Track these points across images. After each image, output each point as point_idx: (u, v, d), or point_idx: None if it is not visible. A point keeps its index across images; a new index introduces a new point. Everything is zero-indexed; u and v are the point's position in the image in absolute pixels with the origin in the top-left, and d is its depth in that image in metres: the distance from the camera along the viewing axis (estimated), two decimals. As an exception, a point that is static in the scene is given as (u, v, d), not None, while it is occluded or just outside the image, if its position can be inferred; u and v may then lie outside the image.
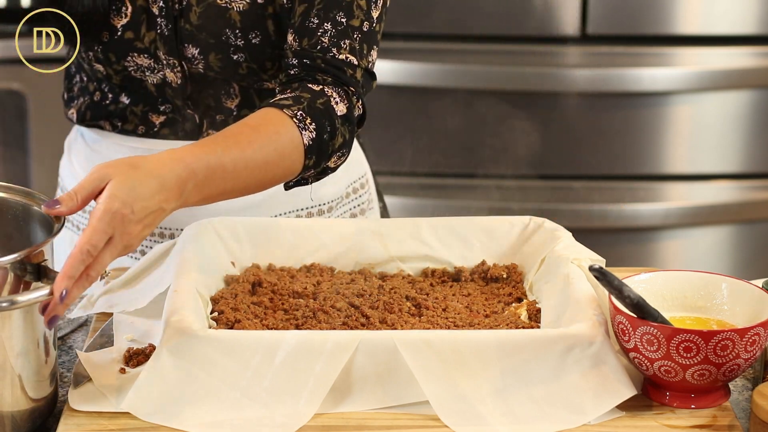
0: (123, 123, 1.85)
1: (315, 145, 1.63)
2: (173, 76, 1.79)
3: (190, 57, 1.77)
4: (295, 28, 1.70)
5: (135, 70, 1.79)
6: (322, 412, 1.43)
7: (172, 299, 1.50)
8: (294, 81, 1.69)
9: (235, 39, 1.74)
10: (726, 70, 3.10)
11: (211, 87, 1.80)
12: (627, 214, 3.18)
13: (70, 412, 1.42)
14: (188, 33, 1.75)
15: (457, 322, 1.56)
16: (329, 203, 1.92)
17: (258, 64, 1.76)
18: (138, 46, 1.77)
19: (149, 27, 1.76)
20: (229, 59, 1.75)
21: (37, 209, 1.49)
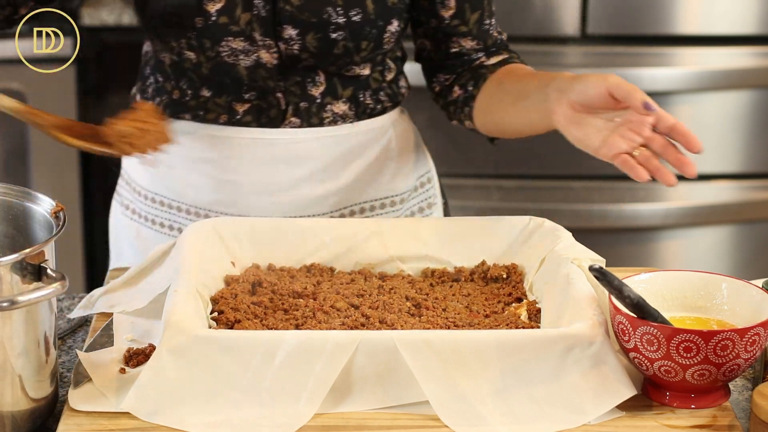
0: (205, 113, 1.87)
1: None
2: (269, 57, 1.80)
3: (287, 38, 1.79)
4: (474, 34, 1.88)
5: (228, 55, 1.81)
6: (322, 412, 1.43)
7: (172, 299, 1.50)
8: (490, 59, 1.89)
9: (337, 16, 1.78)
10: (726, 70, 3.10)
11: (298, 74, 1.83)
12: (627, 214, 3.18)
13: (70, 412, 1.42)
14: (288, 13, 1.78)
15: (457, 322, 1.56)
16: (401, 194, 1.95)
17: (355, 42, 1.80)
18: (233, 29, 1.79)
19: (245, 9, 1.78)
20: (327, 38, 1.79)
21: (38, 209, 1.49)
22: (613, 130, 1.58)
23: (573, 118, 1.61)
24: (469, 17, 1.87)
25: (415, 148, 1.99)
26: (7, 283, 1.36)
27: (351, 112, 1.87)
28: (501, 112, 1.82)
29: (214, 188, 1.89)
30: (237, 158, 1.87)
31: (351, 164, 1.89)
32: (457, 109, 1.91)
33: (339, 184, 1.88)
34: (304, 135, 1.86)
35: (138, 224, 1.97)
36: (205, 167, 1.89)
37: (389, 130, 1.92)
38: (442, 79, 1.93)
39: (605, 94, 1.57)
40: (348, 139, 1.88)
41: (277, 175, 1.87)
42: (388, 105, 1.92)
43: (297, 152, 1.86)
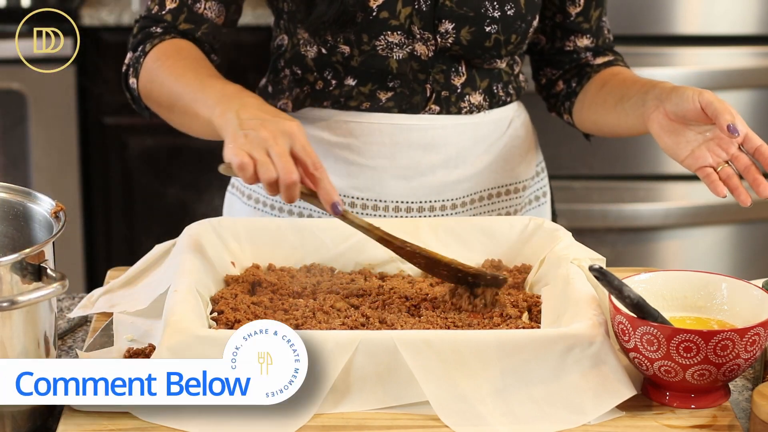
0: (347, 100, 1.90)
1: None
2: (424, 50, 1.86)
3: (443, 32, 1.85)
4: (593, 31, 1.97)
5: (383, 48, 1.85)
6: (322, 412, 1.43)
7: (172, 299, 1.50)
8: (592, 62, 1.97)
9: (493, 11, 1.84)
10: (726, 70, 3.10)
11: (444, 63, 1.88)
12: (627, 214, 3.18)
13: (70, 412, 1.42)
14: (448, 9, 1.84)
15: (456, 323, 1.56)
16: (524, 181, 2.00)
17: (506, 35, 1.86)
18: (392, 23, 1.84)
19: (405, 3, 1.83)
20: (481, 31, 1.85)
21: (38, 209, 1.49)
22: (702, 143, 1.68)
23: (667, 126, 1.71)
24: (592, 14, 1.96)
25: (534, 137, 2.05)
26: (7, 283, 1.36)
27: (485, 103, 1.93)
28: (601, 111, 1.90)
29: (351, 173, 1.91)
30: (377, 144, 1.90)
31: (482, 151, 1.94)
32: (558, 102, 2.00)
33: (472, 170, 1.93)
34: (442, 122, 1.91)
35: (263, 213, 1.97)
36: (343, 152, 1.92)
37: (515, 118, 1.99)
38: (549, 72, 2.02)
39: (698, 109, 1.66)
40: (480, 127, 1.93)
41: (415, 160, 1.91)
42: (514, 96, 1.99)
43: (434, 138, 1.91)
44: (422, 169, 1.90)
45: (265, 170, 1.53)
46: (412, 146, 1.90)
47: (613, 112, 1.86)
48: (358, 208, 1.91)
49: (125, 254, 3.42)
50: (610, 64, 1.97)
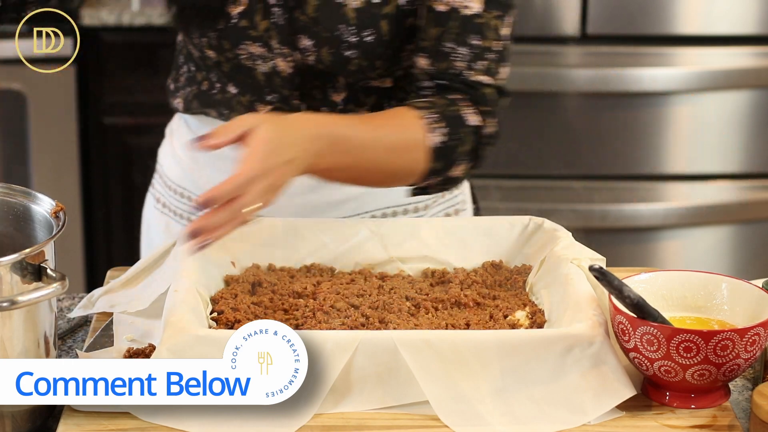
0: (230, 112, 1.86)
1: (442, 149, 1.68)
2: (284, 66, 1.80)
3: (302, 48, 1.78)
4: (429, 50, 1.74)
5: (246, 59, 1.80)
6: (322, 412, 1.43)
7: (172, 299, 1.50)
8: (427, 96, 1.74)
9: (349, 35, 1.75)
10: (726, 70, 3.10)
11: (318, 79, 1.81)
12: (627, 214, 3.18)
13: (70, 412, 1.42)
14: (303, 24, 1.76)
15: (456, 323, 1.55)
16: (425, 201, 1.93)
17: (368, 61, 1.77)
18: (252, 34, 1.78)
19: (264, 16, 1.77)
20: (341, 54, 1.76)
21: (38, 209, 1.49)
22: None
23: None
24: (430, 31, 1.74)
25: None
26: (7, 283, 1.37)
27: None
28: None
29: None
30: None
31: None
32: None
33: (359, 189, 1.85)
34: None
35: (168, 218, 1.97)
36: (229, 166, 1.88)
37: None
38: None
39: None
40: None
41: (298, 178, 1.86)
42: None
43: None
44: (305, 186, 1.84)
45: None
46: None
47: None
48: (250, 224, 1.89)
49: (125, 254, 3.42)
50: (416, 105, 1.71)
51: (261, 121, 1.54)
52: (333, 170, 1.63)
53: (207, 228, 1.51)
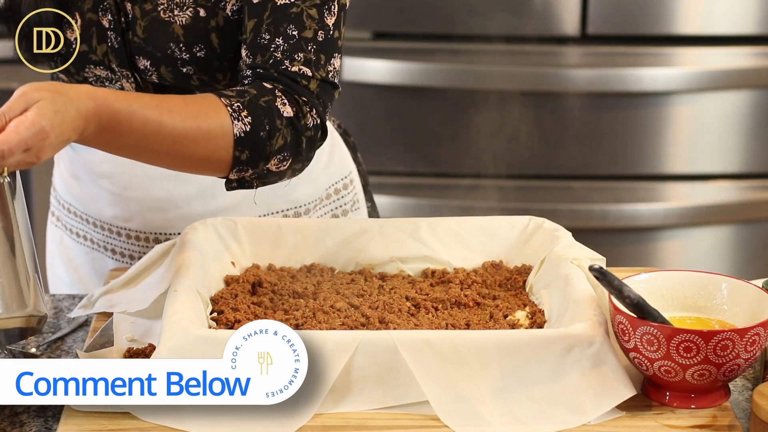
0: None
1: (248, 139, 1.60)
2: (129, 86, 1.77)
3: (142, 68, 1.75)
4: (248, 43, 1.68)
5: (95, 81, 1.78)
6: (322, 412, 1.43)
7: (172, 299, 1.51)
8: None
9: (180, 53, 1.72)
10: (726, 70, 3.10)
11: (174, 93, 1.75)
12: (627, 214, 3.18)
13: (70, 412, 1.42)
14: (137, 46, 1.73)
15: (456, 323, 1.56)
16: (306, 205, 1.90)
17: (208, 75, 1.74)
18: (93, 58, 1.76)
19: (100, 40, 1.75)
20: (179, 72, 1.73)
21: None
22: None
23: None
24: (246, 23, 1.69)
25: (327, 154, 1.93)
26: None
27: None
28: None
29: (112, 202, 1.87)
30: (129, 174, 1.84)
31: None
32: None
33: (231, 200, 1.82)
34: None
35: (61, 231, 1.98)
36: (103, 182, 1.87)
37: None
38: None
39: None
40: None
41: (168, 191, 1.84)
42: None
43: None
44: (176, 200, 1.83)
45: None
46: (164, 177, 1.82)
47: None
48: (124, 237, 1.88)
49: (125, 254, 3.41)
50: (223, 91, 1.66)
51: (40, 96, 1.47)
52: (108, 146, 1.56)
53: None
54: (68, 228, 1.96)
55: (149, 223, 1.86)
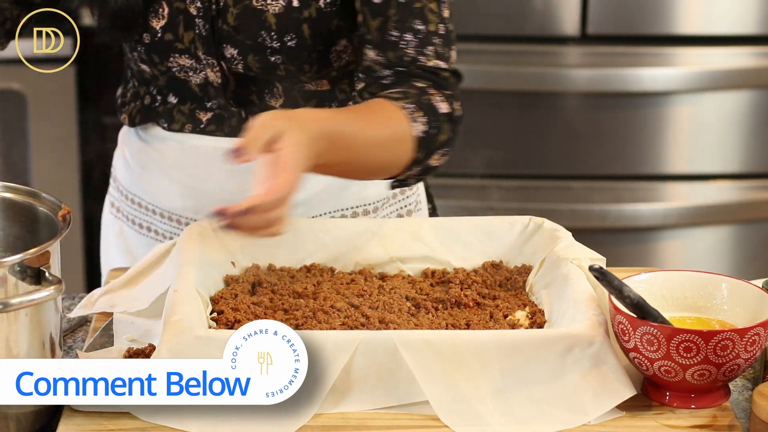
0: (170, 123, 1.86)
1: (425, 138, 1.66)
2: (214, 76, 1.79)
3: (229, 57, 1.77)
4: (376, 43, 1.72)
5: (178, 71, 1.80)
6: (322, 412, 1.43)
7: (172, 299, 1.50)
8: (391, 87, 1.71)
9: (271, 41, 1.75)
10: (726, 70, 3.10)
11: (254, 85, 1.81)
12: (627, 214, 3.18)
13: (70, 412, 1.42)
14: (226, 34, 1.76)
15: (456, 323, 1.55)
16: (374, 203, 1.92)
17: (296, 66, 1.77)
18: (178, 46, 1.78)
19: (187, 27, 1.77)
20: (267, 60, 1.76)
21: (44, 210, 1.49)
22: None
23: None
24: (370, 23, 1.73)
25: None
26: (12, 285, 1.36)
27: None
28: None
29: (183, 194, 1.88)
30: (203, 167, 1.86)
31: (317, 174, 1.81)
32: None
33: (306, 193, 1.84)
34: None
35: (122, 222, 1.98)
36: (176, 173, 1.88)
37: None
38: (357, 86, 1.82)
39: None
40: None
41: (242, 184, 1.82)
42: None
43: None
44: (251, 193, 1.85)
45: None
46: (238, 170, 1.78)
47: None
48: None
49: (125, 254, 3.42)
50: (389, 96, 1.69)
51: (285, 127, 1.50)
52: (329, 166, 1.61)
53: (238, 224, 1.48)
54: (130, 219, 1.96)
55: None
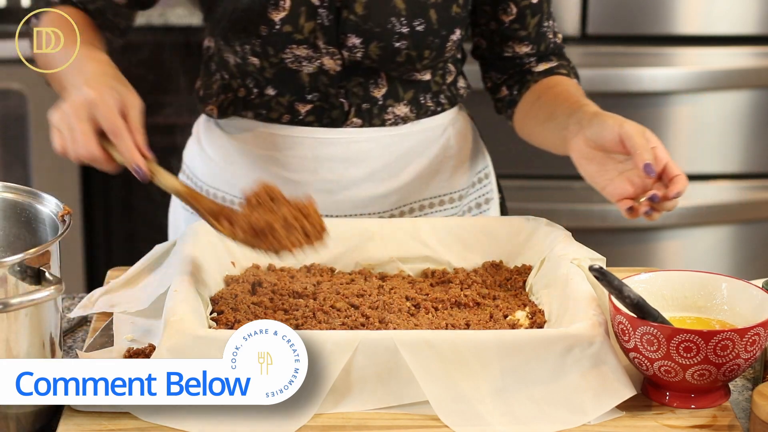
0: (268, 112, 1.88)
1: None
2: (332, 64, 1.82)
3: (350, 46, 1.80)
4: (531, 38, 1.91)
5: (292, 62, 1.82)
6: (322, 412, 1.43)
7: (172, 299, 1.50)
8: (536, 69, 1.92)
9: (401, 26, 1.79)
10: (726, 70, 3.10)
11: (361, 75, 1.84)
12: (627, 214, 3.18)
13: (70, 412, 1.42)
14: (352, 23, 1.79)
15: (456, 323, 1.55)
16: (460, 191, 1.96)
17: (417, 51, 1.82)
18: (297, 37, 1.80)
19: (308, 17, 1.79)
20: (390, 47, 1.80)
21: (44, 210, 1.49)
22: (623, 172, 1.61)
23: (587, 154, 1.64)
24: (529, 21, 1.90)
25: (473, 144, 2.00)
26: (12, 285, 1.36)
27: (412, 114, 1.89)
28: (533, 125, 1.86)
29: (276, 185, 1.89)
30: (299, 157, 1.88)
31: (411, 162, 1.91)
32: (503, 107, 1.95)
33: (399, 182, 1.90)
34: (365, 135, 1.87)
35: (197, 219, 1.97)
36: (267, 165, 1.90)
37: (448, 128, 1.94)
38: (494, 77, 1.96)
39: (618, 141, 1.59)
40: (408, 138, 1.90)
41: (339, 174, 1.88)
42: (447, 106, 1.94)
43: (358, 152, 1.87)
44: (346, 183, 1.88)
45: (71, 151, 1.52)
46: (334, 160, 1.87)
47: (540, 130, 1.83)
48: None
49: (125, 254, 3.42)
50: (551, 72, 1.91)
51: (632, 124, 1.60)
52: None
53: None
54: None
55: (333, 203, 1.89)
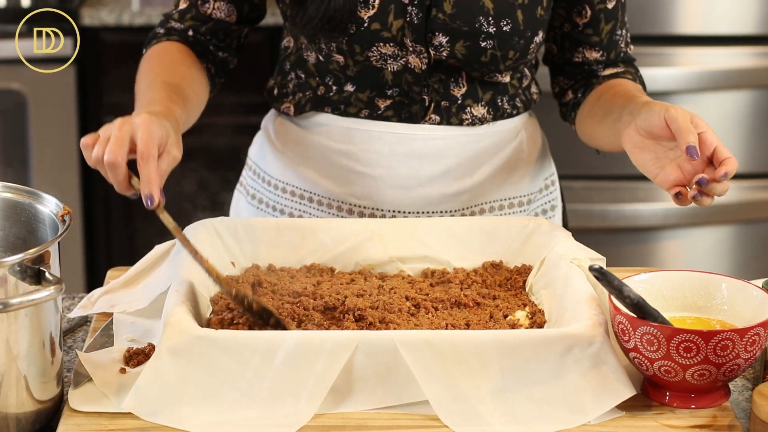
0: (346, 107, 1.89)
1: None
2: (417, 62, 1.84)
3: (436, 44, 1.82)
4: (602, 45, 1.93)
5: (377, 59, 1.84)
6: (322, 412, 1.43)
7: (172, 299, 1.50)
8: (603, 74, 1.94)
9: (488, 26, 1.81)
10: (726, 70, 3.10)
11: (444, 74, 1.86)
12: (627, 214, 3.18)
13: (70, 413, 1.42)
14: (440, 22, 1.81)
15: (456, 323, 1.55)
16: (528, 195, 1.98)
17: (502, 51, 1.84)
18: (384, 35, 1.82)
19: (397, 15, 1.81)
20: (476, 46, 1.82)
21: (44, 210, 1.49)
22: (673, 159, 1.62)
23: (638, 142, 1.65)
24: (603, 27, 1.92)
25: (543, 150, 2.02)
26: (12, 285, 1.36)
27: (489, 116, 1.90)
28: (592, 124, 1.88)
29: (349, 180, 1.91)
30: (376, 152, 1.89)
31: (485, 163, 1.92)
32: (568, 111, 1.97)
33: (472, 182, 1.91)
34: (443, 132, 1.89)
35: (264, 213, 1.98)
36: (342, 159, 1.91)
37: (521, 131, 1.96)
38: (561, 81, 1.98)
39: (664, 125, 1.60)
40: (483, 139, 1.91)
41: (414, 170, 1.90)
42: (522, 110, 1.95)
43: (435, 149, 1.89)
44: (421, 179, 1.89)
45: (95, 150, 1.54)
46: (411, 156, 1.89)
47: (599, 128, 1.84)
48: (355, 215, 1.91)
49: (125, 254, 3.42)
50: (616, 76, 1.93)
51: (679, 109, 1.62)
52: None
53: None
54: (278, 209, 1.97)
55: (388, 201, 1.91)
